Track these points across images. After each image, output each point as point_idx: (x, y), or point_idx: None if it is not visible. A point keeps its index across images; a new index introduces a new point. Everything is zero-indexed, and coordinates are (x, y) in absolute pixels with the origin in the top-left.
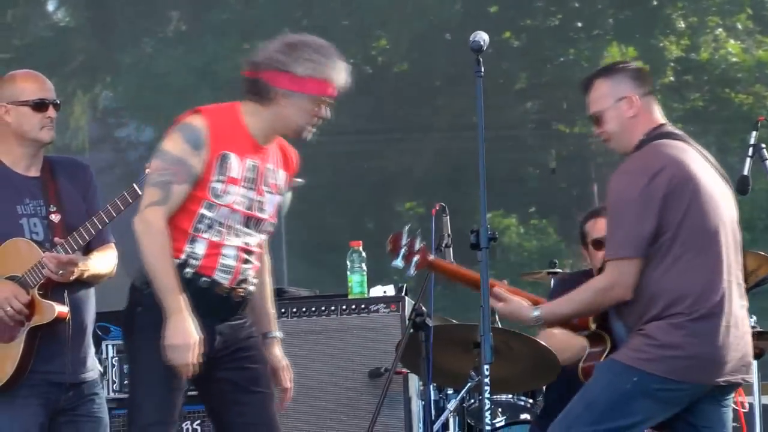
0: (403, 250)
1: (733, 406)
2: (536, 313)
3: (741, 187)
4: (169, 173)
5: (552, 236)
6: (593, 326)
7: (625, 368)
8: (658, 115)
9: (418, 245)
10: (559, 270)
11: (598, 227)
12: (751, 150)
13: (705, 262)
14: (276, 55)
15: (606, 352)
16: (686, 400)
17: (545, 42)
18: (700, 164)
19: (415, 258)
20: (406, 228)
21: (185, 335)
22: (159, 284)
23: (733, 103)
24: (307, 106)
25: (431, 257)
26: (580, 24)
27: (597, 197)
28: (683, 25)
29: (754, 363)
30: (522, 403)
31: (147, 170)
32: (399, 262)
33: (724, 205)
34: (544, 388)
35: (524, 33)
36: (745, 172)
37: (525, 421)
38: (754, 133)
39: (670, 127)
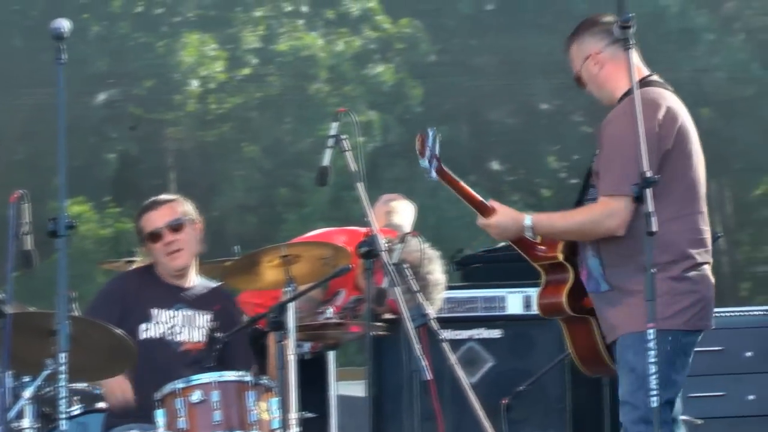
0: (428, 152)
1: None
2: (527, 221)
3: (321, 178)
4: None
5: (128, 224)
6: (561, 256)
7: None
8: (637, 61)
9: (438, 151)
10: (137, 259)
11: (152, 220)
12: (331, 141)
13: None
14: None
15: (569, 283)
16: None
17: (126, 28)
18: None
19: (434, 163)
20: (432, 130)
21: None
22: None
23: (307, 92)
24: None
25: (443, 167)
26: (160, 11)
27: (176, 185)
28: (260, 14)
29: (331, 353)
30: (98, 391)
31: None
32: (425, 164)
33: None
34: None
35: (106, 20)
36: (325, 163)
37: (101, 410)
38: (334, 124)
39: (656, 77)
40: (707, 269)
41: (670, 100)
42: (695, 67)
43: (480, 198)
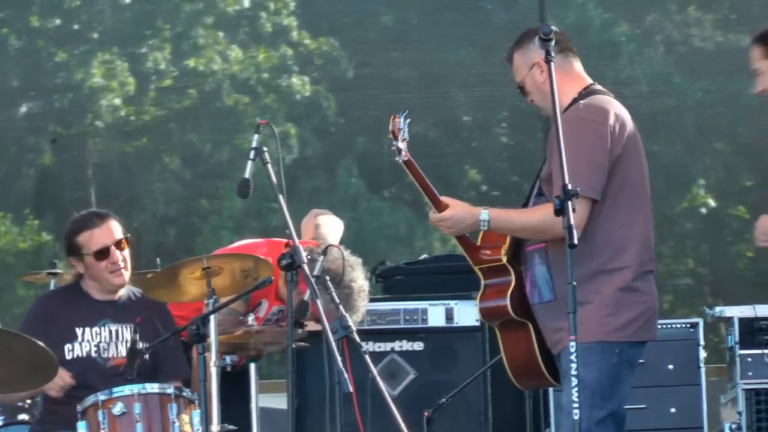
0: (400, 134)
1: None
2: (484, 216)
3: (242, 191)
4: None
5: (46, 237)
6: (504, 258)
7: None
8: (579, 71)
9: (407, 134)
10: (59, 271)
11: (97, 237)
12: (252, 153)
13: None
14: None
15: (512, 286)
16: None
17: (43, 43)
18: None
19: (405, 148)
20: (405, 113)
21: None
22: None
23: (225, 104)
24: None
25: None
26: (76, 26)
27: (95, 199)
28: (178, 29)
29: (252, 365)
30: (21, 404)
31: None
32: (398, 145)
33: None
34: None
35: (24, 34)
36: (247, 175)
37: (23, 422)
38: (256, 137)
39: (598, 86)
40: (653, 278)
41: (617, 107)
42: (618, 80)
43: (436, 192)
